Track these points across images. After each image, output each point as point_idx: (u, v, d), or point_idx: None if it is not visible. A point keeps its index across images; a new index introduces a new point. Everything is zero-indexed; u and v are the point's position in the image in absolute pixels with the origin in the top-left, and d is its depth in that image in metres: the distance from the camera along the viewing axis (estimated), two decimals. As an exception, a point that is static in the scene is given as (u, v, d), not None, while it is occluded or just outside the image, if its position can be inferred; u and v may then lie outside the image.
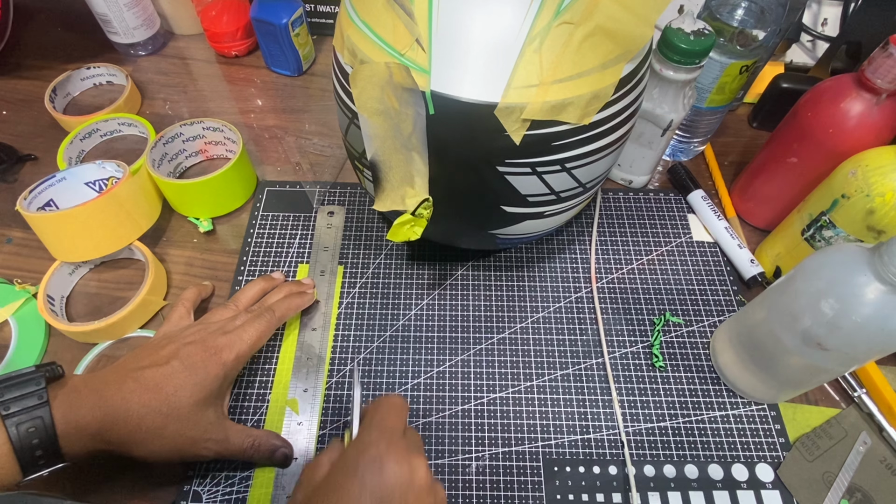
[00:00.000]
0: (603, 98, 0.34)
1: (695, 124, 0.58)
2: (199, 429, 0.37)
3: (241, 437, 0.39)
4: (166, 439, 0.36)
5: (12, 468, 0.31)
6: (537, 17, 0.31)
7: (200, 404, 0.37)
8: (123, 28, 0.66)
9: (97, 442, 0.34)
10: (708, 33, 0.46)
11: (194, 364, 0.37)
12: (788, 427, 0.44)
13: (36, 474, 0.33)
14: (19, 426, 0.31)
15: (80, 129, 0.57)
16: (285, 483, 0.40)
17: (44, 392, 0.33)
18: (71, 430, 0.33)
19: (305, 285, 0.48)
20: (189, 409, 0.36)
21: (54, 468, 0.33)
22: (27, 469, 0.32)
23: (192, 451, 0.37)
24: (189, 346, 0.38)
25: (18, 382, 0.33)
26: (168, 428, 0.36)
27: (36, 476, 0.33)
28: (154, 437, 0.35)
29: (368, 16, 0.34)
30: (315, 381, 0.45)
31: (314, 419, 0.43)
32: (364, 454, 0.30)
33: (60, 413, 0.33)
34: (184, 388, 0.36)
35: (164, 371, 0.37)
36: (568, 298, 0.50)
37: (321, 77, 0.69)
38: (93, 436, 0.34)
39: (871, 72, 0.41)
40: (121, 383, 0.36)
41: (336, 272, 0.51)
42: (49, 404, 0.32)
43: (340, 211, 0.55)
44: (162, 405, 0.35)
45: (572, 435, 0.43)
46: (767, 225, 0.54)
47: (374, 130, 0.35)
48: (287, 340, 0.47)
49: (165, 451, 0.36)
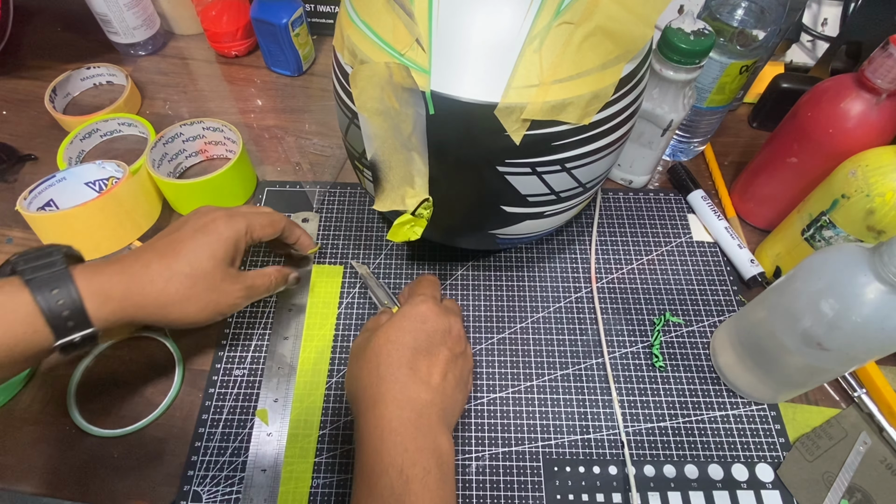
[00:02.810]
0: (603, 98, 0.34)
1: (695, 124, 0.58)
2: (227, 282, 0.39)
3: (261, 279, 0.43)
4: (200, 299, 0.38)
5: (44, 331, 0.33)
6: (537, 17, 0.31)
7: (220, 263, 0.39)
8: (123, 28, 0.66)
9: (127, 308, 0.35)
10: (708, 33, 0.46)
11: (204, 226, 0.40)
12: (788, 427, 0.44)
13: (67, 339, 0.33)
14: (43, 289, 0.32)
15: (80, 129, 0.57)
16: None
17: (63, 260, 0.34)
18: (95, 294, 0.34)
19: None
20: (212, 267, 0.38)
21: (85, 333, 0.34)
22: (59, 332, 0.33)
23: (227, 305, 0.40)
24: (196, 217, 0.41)
25: (38, 255, 0.34)
26: (197, 287, 0.37)
27: (67, 341, 0.33)
28: (186, 298, 0.37)
29: (368, 16, 0.34)
30: (286, 391, 0.45)
31: (284, 430, 0.43)
32: (415, 309, 0.37)
33: (84, 279, 0.34)
34: (199, 249, 0.38)
35: (176, 236, 0.39)
36: (568, 298, 0.50)
37: (321, 77, 0.69)
38: (120, 301, 0.35)
39: (871, 72, 0.41)
40: (138, 255, 0.38)
41: (309, 278, 0.51)
42: (70, 272, 0.34)
43: (314, 217, 0.55)
44: (183, 266, 0.37)
45: (572, 435, 0.43)
46: (767, 225, 0.54)
47: (374, 130, 0.35)
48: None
49: (202, 312, 0.38)
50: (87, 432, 0.42)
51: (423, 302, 0.38)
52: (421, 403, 0.34)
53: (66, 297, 0.33)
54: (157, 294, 0.36)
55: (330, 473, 0.41)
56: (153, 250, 0.38)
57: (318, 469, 0.41)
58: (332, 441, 0.43)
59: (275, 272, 0.44)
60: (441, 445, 0.34)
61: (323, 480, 0.41)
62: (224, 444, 0.42)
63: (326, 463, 0.42)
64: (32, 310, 0.32)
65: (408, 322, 0.37)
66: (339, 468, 0.42)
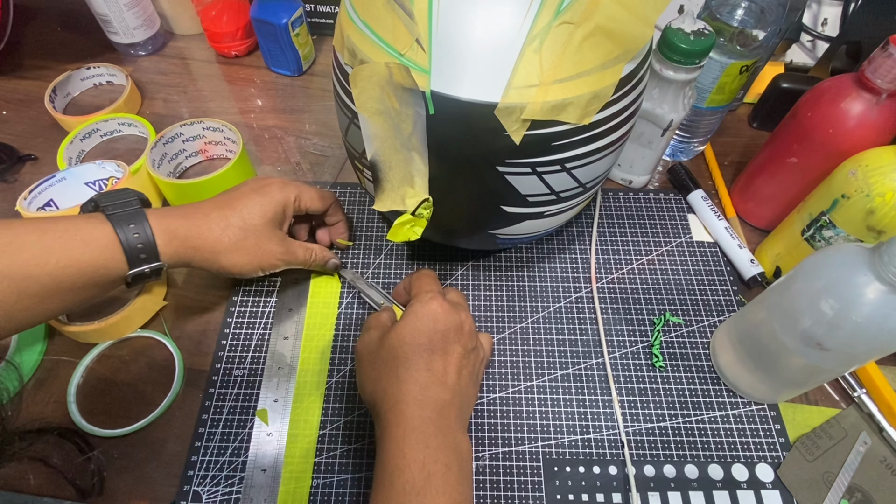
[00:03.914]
0: (603, 98, 0.34)
1: (695, 124, 0.58)
2: (273, 242, 0.43)
3: (302, 250, 0.46)
4: (248, 251, 0.42)
5: (120, 259, 0.37)
6: (537, 17, 0.31)
7: (269, 222, 0.43)
8: (123, 28, 0.66)
9: (187, 248, 0.40)
10: (708, 33, 0.46)
11: (260, 188, 0.44)
12: (788, 427, 0.44)
13: (138, 269, 0.38)
14: (122, 224, 0.37)
15: (80, 129, 0.57)
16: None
17: (138, 202, 0.39)
18: (163, 233, 0.38)
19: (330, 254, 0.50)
20: (261, 225, 0.42)
21: (155, 265, 0.38)
22: (133, 262, 0.37)
23: (268, 262, 0.43)
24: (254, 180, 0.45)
25: (118, 195, 0.39)
26: (247, 240, 0.42)
27: (139, 271, 0.38)
28: (236, 248, 0.41)
29: (368, 16, 0.34)
30: (286, 391, 0.45)
31: (284, 430, 0.43)
32: (425, 307, 0.38)
33: (154, 219, 0.38)
34: (253, 206, 0.42)
35: (234, 193, 0.43)
36: (568, 298, 0.50)
37: (321, 77, 0.69)
38: (182, 241, 0.39)
39: (871, 72, 0.41)
40: (200, 205, 0.42)
41: (309, 280, 0.51)
42: (144, 212, 0.38)
43: None
44: (237, 219, 0.41)
45: (572, 435, 0.43)
46: (767, 225, 0.54)
47: (374, 130, 0.35)
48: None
49: (247, 262, 0.42)
50: (87, 432, 0.42)
51: (433, 300, 0.38)
52: (441, 403, 0.35)
53: (140, 232, 0.37)
54: (213, 240, 0.40)
55: (330, 473, 0.41)
56: (213, 203, 0.42)
57: (318, 469, 0.41)
58: (332, 441, 0.43)
59: (318, 249, 0.48)
60: (460, 444, 0.35)
61: (323, 480, 0.41)
62: (224, 444, 0.42)
63: (326, 463, 0.42)
64: (113, 240, 0.36)
65: (421, 322, 0.37)
66: (339, 468, 0.42)
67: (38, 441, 0.42)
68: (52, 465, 0.40)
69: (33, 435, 0.40)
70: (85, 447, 0.41)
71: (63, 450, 0.41)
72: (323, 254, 0.48)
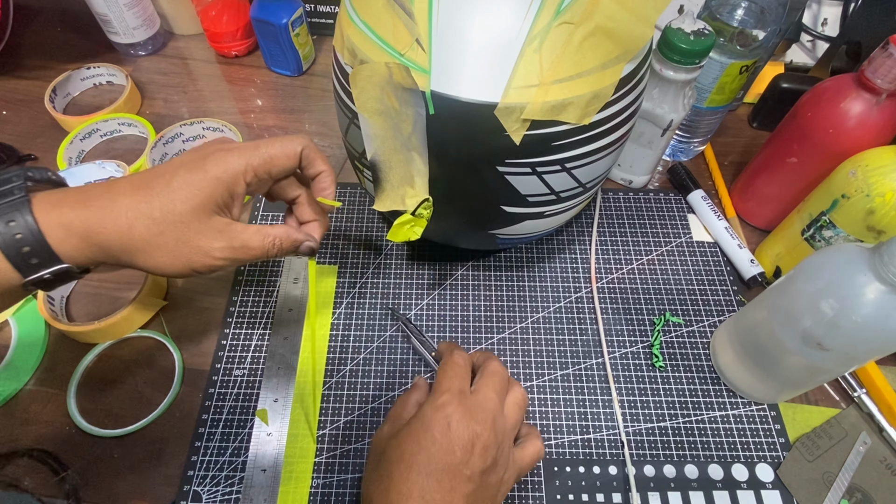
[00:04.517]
0: (603, 98, 0.34)
1: (695, 124, 0.58)
2: (205, 236, 0.32)
3: (258, 238, 0.34)
4: (168, 249, 0.32)
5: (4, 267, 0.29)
6: (537, 17, 0.31)
7: (199, 209, 0.32)
8: (123, 28, 0.66)
9: (90, 247, 0.30)
10: (708, 33, 0.46)
11: (192, 161, 0.33)
12: (788, 427, 0.44)
13: (36, 275, 0.30)
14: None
15: (80, 129, 0.57)
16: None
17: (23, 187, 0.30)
18: (54, 227, 0.29)
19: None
20: (187, 214, 0.31)
21: (57, 269, 0.30)
22: (23, 269, 0.29)
23: (202, 263, 0.33)
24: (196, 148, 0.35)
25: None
26: (166, 235, 0.31)
27: (37, 277, 0.30)
28: (153, 248, 0.31)
29: (368, 16, 0.34)
30: (286, 391, 0.45)
31: (284, 430, 0.43)
32: (437, 413, 0.33)
33: (42, 210, 0.29)
34: (177, 188, 0.31)
35: (159, 169, 0.32)
36: (568, 298, 0.50)
37: (321, 77, 0.69)
38: (82, 237, 0.30)
39: (871, 72, 0.41)
40: (111, 185, 0.32)
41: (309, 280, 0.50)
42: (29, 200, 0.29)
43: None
44: (153, 209, 0.31)
45: (572, 435, 0.43)
46: (767, 225, 0.54)
47: (374, 130, 0.35)
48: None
49: (171, 263, 0.32)
50: (87, 432, 0.42)
51: (447, 405, 0.33)
52: None
53: (23, 229, 0.28)
54: (118, 235, 0.30)
55: (330, 473, 0.41)
56: (128, 182, 0.32)
57: (318, 469, 0.42)
58: (332, 441, 0.43)
59: (281, 233, 0.35)
60: None
61: (323, 480, 0.41)
62: (224, 444, 0.42)
63: (326, 463, 0.42)
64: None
65: (424, 435, 0.32)
66: (339, 468, 0.42)
67: (8, 465, 0.38)
68: (24, 488, 0.36)
69: (2, 460, 0.37)
70: (58, 468, 0.37)
71: (36, 472, 0.38)
72: (290, 237, 0.36)
